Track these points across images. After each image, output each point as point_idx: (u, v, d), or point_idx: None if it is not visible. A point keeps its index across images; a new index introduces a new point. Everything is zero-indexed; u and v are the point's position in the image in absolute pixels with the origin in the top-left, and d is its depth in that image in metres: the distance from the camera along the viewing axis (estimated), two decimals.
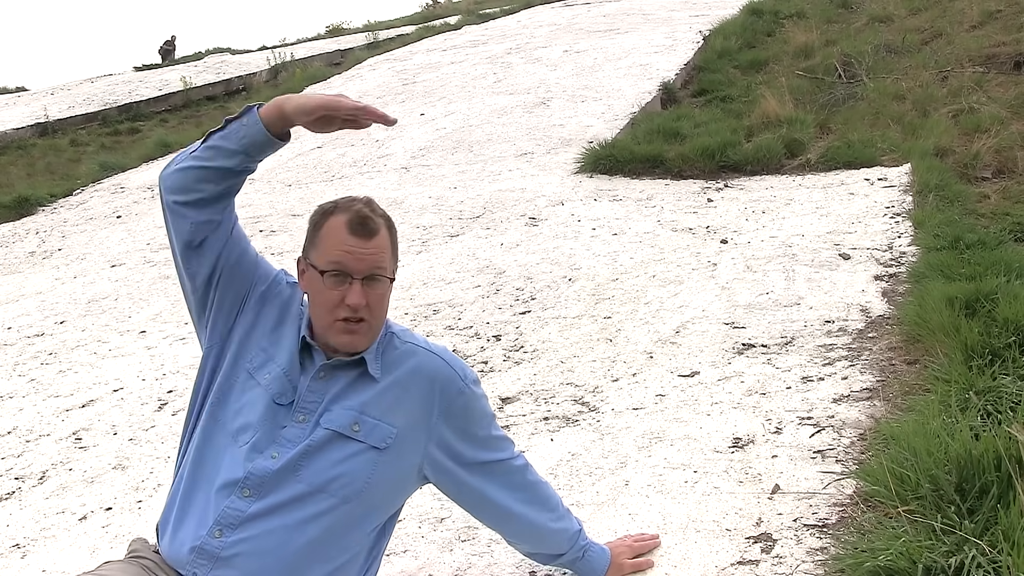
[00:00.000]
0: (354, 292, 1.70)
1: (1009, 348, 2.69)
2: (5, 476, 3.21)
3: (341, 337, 1.73)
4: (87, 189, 8.95)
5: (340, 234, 1.71)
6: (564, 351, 3.53)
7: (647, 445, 2.67)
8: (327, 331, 1.75)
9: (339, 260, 1.70)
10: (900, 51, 8.31)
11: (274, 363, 1.76)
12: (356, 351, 1.76)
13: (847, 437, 2.51)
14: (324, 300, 1.73)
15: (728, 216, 5.02)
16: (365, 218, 1.72)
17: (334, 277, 1.70)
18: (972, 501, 1.88)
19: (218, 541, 1.66)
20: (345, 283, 1.70)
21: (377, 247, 1.72)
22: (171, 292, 5.15)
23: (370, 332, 1.75)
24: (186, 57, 19.50)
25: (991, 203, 5.06)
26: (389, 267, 1.76)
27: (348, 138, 8.57)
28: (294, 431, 1.72)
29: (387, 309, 1.80)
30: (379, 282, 1.73)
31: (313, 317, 1.78)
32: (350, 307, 1.70)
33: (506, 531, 1.98)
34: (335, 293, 1.71)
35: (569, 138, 7.09)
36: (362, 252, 1.70)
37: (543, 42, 11.61)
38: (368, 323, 1.73)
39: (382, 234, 1.74)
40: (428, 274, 4.68)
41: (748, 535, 2.13)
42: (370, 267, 1.71)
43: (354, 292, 1.70)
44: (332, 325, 1.73)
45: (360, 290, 1.70)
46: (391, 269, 1.77)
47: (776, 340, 3.31)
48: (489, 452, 1.88)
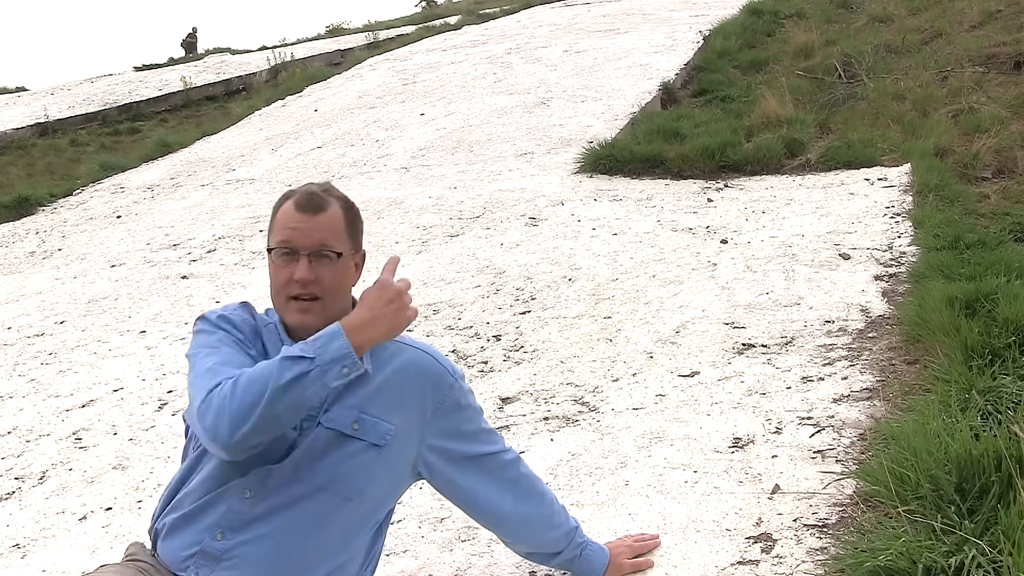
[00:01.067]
0: (300, 267, 1.71)
1: (1009, 348, 2.69)
2: (5, 476, 3.21)
3: (295, 316, 1.74)
4: (87, 189, 8.95)
5: (288, 213, 1.75)
6: (564, 351, 3.53)
7: (647, 445, 2.67)
8: (283, 311, 1.76)
9: (286, 237, 1.73)
10: (900, 51, 8.31)
11: None
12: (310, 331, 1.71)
13: (847, 437, 2.51)
14: (276, 279, 1.75)
15: (728, 216, 5.02)
16: (311, 195, 1.75)
17: (283, 255, 1.73)
18: (972, 501, 1.87)
19: (220, 544, 1.66)
20: (293, 260, 1.72)
21: (323, 223, 1.74)
22: (171, 292, 5.15)
23: (324, 311, 1.73)
24: (186, 57, 19.50)
25: (991, 203, 5.06)
26: (340, 244, 1.75)
27: (348, 138, 8.58)
28: (295, 434, 1.72)
29: (347, 289, 1.80)
30: (327, 258, 1.73)
31: (272, 302, 1.79)
32: (298, 283, 1.71)
33: (501, 527, 1.98)
34: (285, 271, 1.73)
35: (569, 138, 7.09)
36: (307, 228, 1.72)
37: (543, 42, 11.62)
38: (322, 301, 1.73)
39: (331, 211, 1.75)
40: (428, 274, 4.68)
41: (748, 535, 2.13)
42: (316, 243, 1.72)
43: (300, 267, 1.71)
44: (286, 304, 1.75)
45: (307, 265, 1.71)
46: (344, 246, 1.76)
47: (776, 340, 3.31)
48: (481, 445, 1.89)
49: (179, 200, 7.66)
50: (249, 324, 1.79)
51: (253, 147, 9.19)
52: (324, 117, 9.86)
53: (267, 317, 1.84)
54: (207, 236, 6.23)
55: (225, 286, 5.09)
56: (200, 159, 9.33)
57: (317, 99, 11.24)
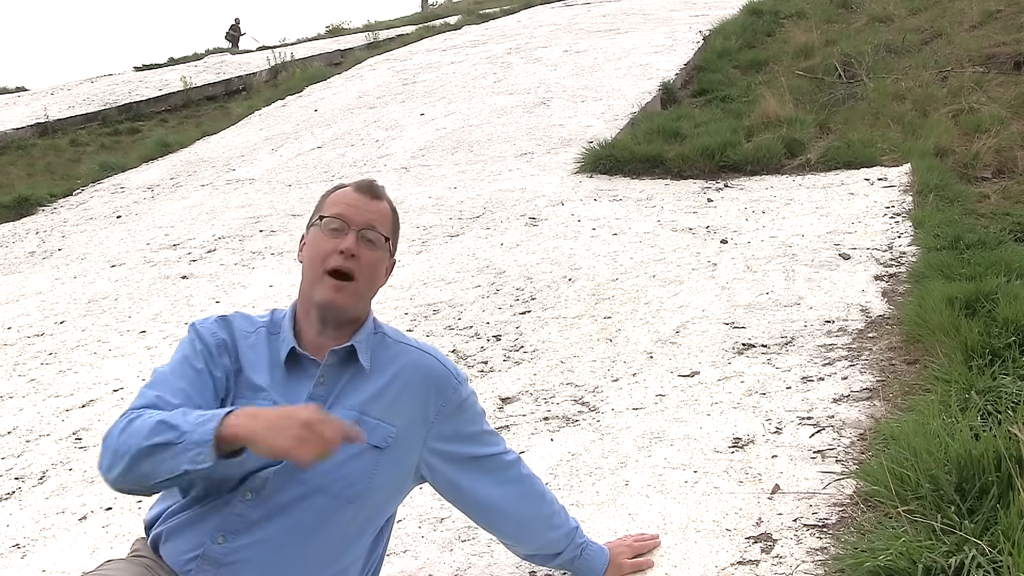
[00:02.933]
0: (349, 239, 1.72)
1: (1009, 348, 2.69)
2: (5, 476, 3.21)
3: (327, 292, 1.72)
4: (87, 189, 8.95)
5: (345, 192, 1.79)
6: (564, 351, 3.53)
7: (647, 445, 2.67)
8: (315, 285, 1.74)
9: (340, 211, 1.75)
10: (900, 51, 8.31)
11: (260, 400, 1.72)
12: (337, 312, 1.73)
13: (847, 437, 2.51)
14: (319, 250, 1.74)
15: (728, 216, 5.02)
16: (372, 183, 1.81)
17: (333, 227, 1.74)
18: (972, 501, 1.87)
19: (221, 547, 1.65)
20: (342, 233, 1.73)
21: (378, 209, 1.78)
22: (171, 292, 5.15)
23: (356, 295, 1.74)
24: (186, 57, 19.51)
25: (991, 203, 5.06)
26: (388, 230, 1.79)
27: (348, 138, 8.58)
28: None
29: (379, 280, 1.80)
30: (375, 241, 1.75)
31: (304, 279, 1.78)
32: (342, 253, 1.71)
33: (502, 529, 1.97)
34: (331, 242, 1.73)
35: (569, 138, 7.09)
36: (363, 207, 1.76)
37: (543, 42, 11.62)
38: (356, 284, 1.73)
39: (385, 203, 1.81)
40: (428, 274, 4.68)
41: (748, 535, 2.13)
42: (369, 222, 1.75)
43: (349, 239, 1.72)
44: (321, 279, 1.73)
45: (355, 239, 1.73)
46: (390, 233, 1.80)
47: (776, 340, 3.31)
48: (482, 447, 1.89)
49: (179, 200, 7.66)
50: (217, 341, 1.76)
51: (253, 147, 9.20)
52: (324, 117, 9.86)
53: (259, 320, 1.83)
54: (207, 236, 6.23)
55: (225, 286, 5.09)
56: (200, 159, 9.33)
57: (317, 99, 11.24)
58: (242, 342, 1.79)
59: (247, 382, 1.75)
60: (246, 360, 1.76)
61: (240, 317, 1.85)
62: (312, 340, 1.78)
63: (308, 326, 1.78)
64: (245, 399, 1.73)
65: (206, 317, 1.84)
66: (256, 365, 1.76)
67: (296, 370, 1.76)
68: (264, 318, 1.84)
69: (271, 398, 1.72)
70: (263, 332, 1.80)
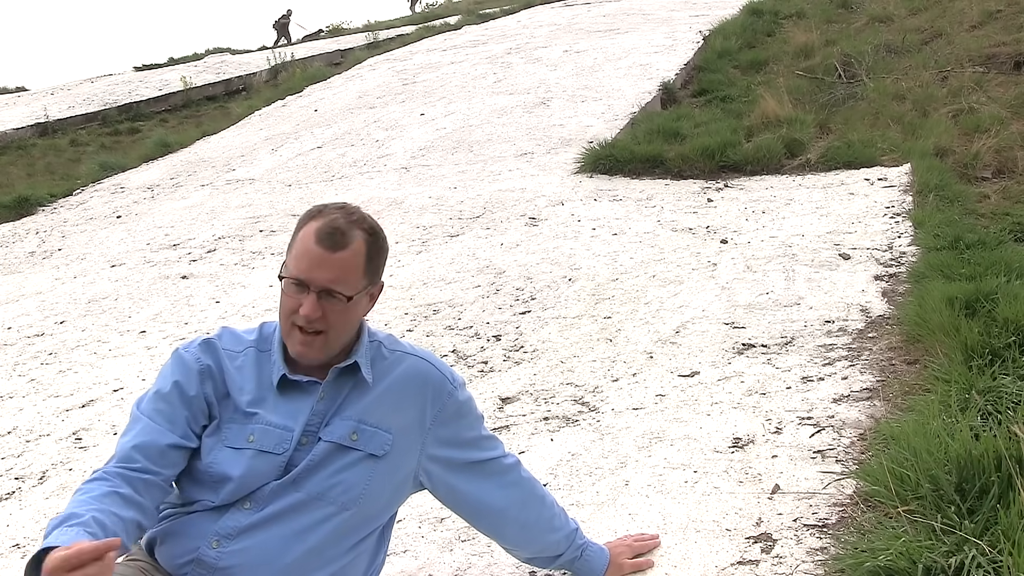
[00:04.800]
0: (308, 303, 1.67)
1: (1009, 348, 2.69)
2: (5, 476, 3.20)
3: (296, 347, 1.72)
4: (87, 189, 8.95)
5: (308, 242, 1.67)
6: (564, 351, 3.53)
7: (647, 445, 2.67)
8: (287, 337, 1.73)
9: (299, 272, 1.67)
10: (900, 51, 8.31)
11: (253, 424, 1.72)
12: (308, 362, 1.73)
13: (847, 437, 2.51)
14: (285, 306, 1.71)
15: (728, 216, 5.02)
16: (335, 230, 1.67)
17: (293, 285, 1.69)
18: (972, 501, 1.87)
19: (215, 552, 1.66)
20: (302, 293, 1.68)
21: (340, 262, 1.67)
22: (171, 292, 5.15)
23: (325, 346, 1.72)
24: (186, 57, 19.52)
25: (991, 203, 5.06)
26: (353, 285, 1.69)
27: (348, 138, 8.58)
28: (299, 454, 1.72)
29: (353, 324, 1.75)
30: (335, 299, 1.68)
31: (279, 322, 1.76)
32: (303, 317, 1.68)
33: (502, 532, 1.97)
34: (293, 300, 1.69)
35: (569, 138, 7.09)
36: (324, 264, 1.66)
37: (543, 42, 11.62)
38: (325, 335, 1.70)
39: (353, 248, 1.68)
40: (428, 274, 4.68)
41: (748, 535, 2.13)
42: (327, 282, 1.66)
43: (308, 303, 1.67)
44: (290, 332, 1.72)
45: (314, 302, 1.67)
46: (356, 286, 1.70)
47: (776, 340, 3.31)
48: (480, 452, 1.89)
49: (179, 200, 7.66)
50: (201, 367, 1.75)
51: (253, 147, 9.20)
52: (324, 117, 9.86)
53: (247, 337, 1.81)
54: (207, 236, 6.23)
55: (225, 286, 5.09)
56: (200, 159, 9.33)
57: (317, 99, 11.24)
58: (229, 364, 1.77)
59: (236, 407, 1.73)
60: (233, 384, 1.75)
61: (228, 336, 1.82)
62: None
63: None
64: (236, 424, 1.72)
65: (191, 340, 1.82)
66: (245, 387, 1.75)
67: (291, 388, 1.75)
68: (252, 334, 1.82)
69: (265, 420, 1.72)
70: (252, 352, 1.79)
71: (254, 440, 1.70)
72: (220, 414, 1.73)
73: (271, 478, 1.70)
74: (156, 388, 1.75)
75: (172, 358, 1.78)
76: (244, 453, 1.69)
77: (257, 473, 1.69)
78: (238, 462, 1.68)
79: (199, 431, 1.72)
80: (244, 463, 1.68)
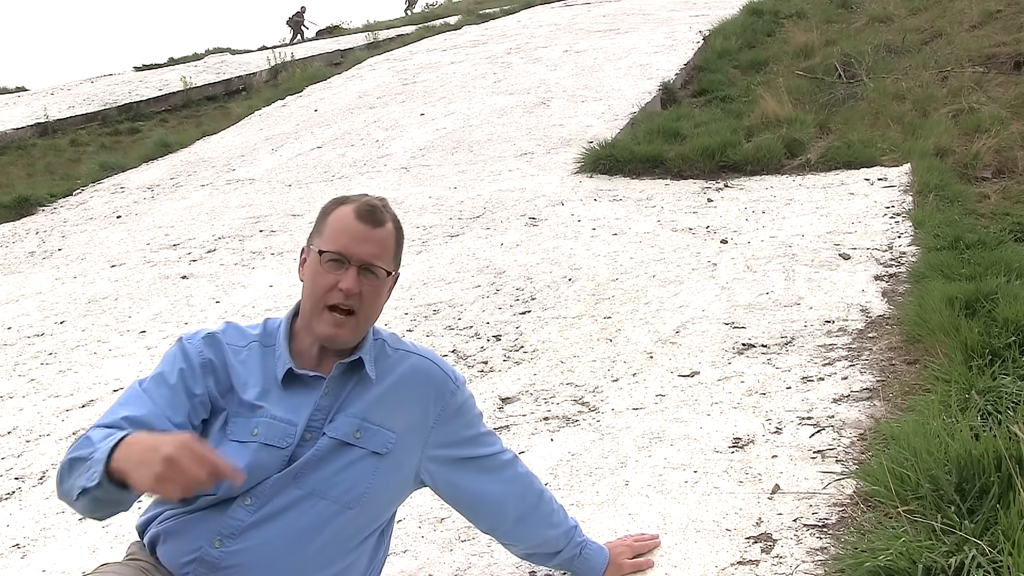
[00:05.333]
0: (348, 277, 1.68)
1: (1009, 348, 2.69)
2: (5, 476, 3.21)
3: (328, 328, 1.71)
4: (87, 189, 8.95)
5: (346, 220, 1.71)
6: (564, 351, 3.53)
7: (647, 445, 2.67)
8: (316, 319, 1.72)
9: (340, 247, 1.70)
10: (900, 51, 8.31)
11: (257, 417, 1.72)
12: (336, 345, 1.73)
13: (847, 437, 2.51)
14: (319, 285, 1.71)
15: (728, 216, 5.02)
16: (373, 207, 1.72)
17: (332, 261, 1.70)
18: (972, 501, 1.87)
19: (218, 551, 1.65)
20: (342, 268, 1.69)
21: (380, 239, 1.72)
22: (171, 292, 5.15)
23: (356, 328, 1.73)
24: (186, 57, 19.52)
25: (991, 203, 5.07)
26: (389, 262, 1.74)
27: (348, 138, 8.58)
28: (302, 448, 1.72)
29: (380, 309, 1.78)
30: (375, 274, 1.71)
31: (304, 306, 1.76)
32: (343, 292, 1.68)
33: (500, 528, 1.97)
34: (330, 277, 1.69)
35: (569, 138, 7.09)
36: (365, 239, 1.70)
37: (543, 42, 11.62)
38: (356, 317, 1.71)
39: (388, 228, 1.74)
40: (428, 274, 4.68)
41: (748, 535, 2.13)
42: (368, 256, 1.70)
43: (348, 277, 1.68)
44: (321, 313, 1.71)
45: (354, 276, 1.69)
46: (391, 265, 1.75)
47: (776, 340, 3.31)
48: (480, 448, 1.90)
49: (179, 200, 7.66)
50: (202, 360, 1.74)
51: (253, 147, 9.20)
52: (324, 117, 9.86)
53: (252, 332, 1.80)
54: (207, 236, 6.23)
55: (225, 286, 5.09)
56: (200, 159, 9.33)
57: (317, 99, 11.24)
58: (233, 358, 1.76)
59: (240, 401, 1.73)
60: (237, 378, 1.75)
61: (232, 330, 1.82)
62: (308, 350, 1.77)
63: (307, 340, 1.77)
64: (242, 418, 1.72)
65: (195, 331, 1.82)
66: (249, 382, 1.74)
67: (295, 383, 1.75)
68: (256, 329, 1.81)
69: (269, 414, 1.71)
70: (256, 346, 1.78)
71: (258, 433, 1.70)
72: (226, 408, 1.73)
73: (274, 472, 1.69)
74: (160, 370, 1.74)
75: (176, 347, 1.78)
76: (248, 446, 1.69)
77: (261, 466, 1.68)
78: (243, 455, 1.68)
79: (198, 424, 1.72)
80: (248, 456, 1.68)
